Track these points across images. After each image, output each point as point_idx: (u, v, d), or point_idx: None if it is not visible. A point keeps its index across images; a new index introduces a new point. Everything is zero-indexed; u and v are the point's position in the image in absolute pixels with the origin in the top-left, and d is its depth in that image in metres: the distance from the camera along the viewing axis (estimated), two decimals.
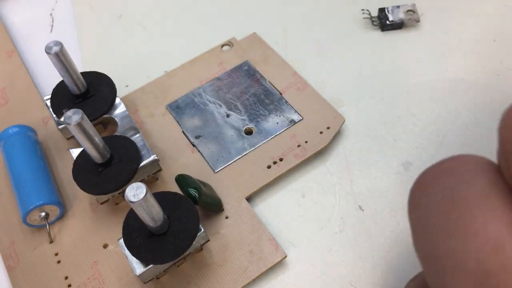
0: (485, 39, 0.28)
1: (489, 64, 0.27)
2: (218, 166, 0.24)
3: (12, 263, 0.22)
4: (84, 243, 0.22)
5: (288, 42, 0.29)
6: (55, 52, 0.21)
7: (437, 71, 0.27)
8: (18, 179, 0.23)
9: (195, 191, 0.20)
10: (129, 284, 0.21)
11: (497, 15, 0.29)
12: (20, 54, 0.30)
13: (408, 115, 0.26)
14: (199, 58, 0.28)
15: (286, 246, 0.22)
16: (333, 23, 0.30)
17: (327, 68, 0.28)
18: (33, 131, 0.25)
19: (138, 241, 0.19)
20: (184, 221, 0.19)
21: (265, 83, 0.26)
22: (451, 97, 0.26)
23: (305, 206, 0.23)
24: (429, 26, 0.29)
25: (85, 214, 0.23)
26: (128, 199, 0.17)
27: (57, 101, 0.24)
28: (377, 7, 0.29)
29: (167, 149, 0.25)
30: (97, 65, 0.30)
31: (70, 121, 0.19)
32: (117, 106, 0.24)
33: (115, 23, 0.32)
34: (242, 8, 0.31)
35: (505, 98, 0.26)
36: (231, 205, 0.23)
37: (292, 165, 0.23)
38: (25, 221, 0.22)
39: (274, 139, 0.24)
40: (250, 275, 0.21)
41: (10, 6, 0.34)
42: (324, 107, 0.25)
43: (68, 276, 0.21)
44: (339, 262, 0.21)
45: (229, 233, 0.22)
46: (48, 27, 0.32)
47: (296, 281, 0.21)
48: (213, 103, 0.26)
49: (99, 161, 0.21)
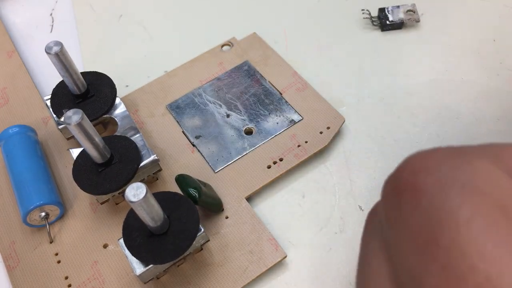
0: (485, 39, 0.28)
1: (489, 64, 0.27)
2: (218, 166, 0.24)
3: (12, 263, 0.22)
4: (84, 243, 0.22)
5: (288, 42, 0.29)
6: (55, 52, 0.21)
7: (437, 71, 0.27)
8: (18, 179, 0.23)
9: (195, 191, 0.20)
10: (129, 284, 0.21)
11: (497, 15, 0.29)
12: (20, 54, 0.30)
13: (408, 115, 0.26)
14: (199, 58, 0.28)
15: (286, 246, 0.22)
16: (333, 23, 0.30)
17: (327, 68, 0.28)
18: (33, 131, 0.25)
19: (138, 241, 0.19)
20: (184, 221, 0.19)
21: (265, 83, 0.26)
22: (451, 97, 0.26)
23: (305, 206, 0.23)
24: (429, 26, 0.29)
25: (85, 214, 0.23)
26: (128, 199, 0.17)
27: (57, 101, 0.24)
28: (377, 7, 0.29)
29: (167, 149, 0.25)
30: (97, 65, 0.30)
31: (70, 121, 0.19)
32: (117, 106, 0.24)
33: (115, 23, 0.32)
34: (242, 8, 0.31)
35: (505, 98, 0.26)
36: (231, 205, 0.23)
37: (292, 165, 0.23)
38: (25, 221, 0.22)
39: (274, 139, 0.24)
40: (250, 275, 0.21)
41: (11, 6, 0.34)
42: (324, 107, 0.25)
43: (68, 276, 0.21)
44: (339, 262, 0.21)
45: (229, 233, 0.22)
46: (48, 27, 0.32)
47: (296, 281, 0.21)
48: (213, 103, 0.26)
49: (99, 161, 0.21)
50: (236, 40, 0.28)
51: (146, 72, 0.29)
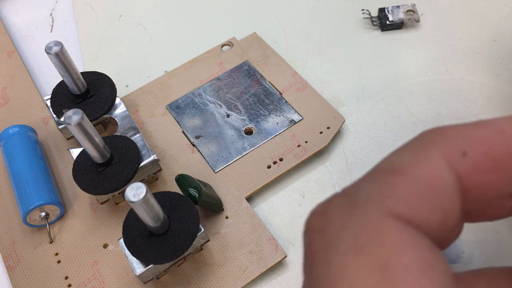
0: (485, 39, 0.28)
1: (489, 64, 0.27)
2: (218, 166, 0.24)
3: (12, 263, 0.22)
4: (84, 243, 0.22)
5: (288, 42, 0.29)
6: (55, 52, 0.21)
7: (437, 71, 0.27)
8: (19, 179, 0.23)
9: (195, 191, 0.20)
10: (129, 284, 0.21)
11: (497, 15, 0.29)
12: (20, 54, 0.30)
13: (408, 115, 0.26)
14: (199, 58, 0.28)
15: (286, 246, 0.22)
16: (333, 23, 0.30)
17: (327, 68, 0.28)
18: (33, 131, 0.25)
19: (138, 241, 0.19)
20: (184, 221, 0.19)
21: (265, 83, 0.26)
22: (451, 97, 0.26)
23: (305, 206, 0.23)
24: (429, 26, 0.29)
25: (85, 214, 0.23)
26: (128, 199, 0.17)
27: (57, 101, 0.24)
28: (377, 7, 0.29)
29: (167, 149, 0.25)
30: (97, 65, 0.30)
31: (70, 121, 0.19)
32: (117, 106, 0.24)
33: (115, 23, 0.32)
34: (242, 8, 0.31)
35: (505, 98, 0.26)
36: (231, 205, 0.23)
37: (292, 165, 0.23)
38: (25, 221, 0.22)
39: (274, 139, 0.24)
40: (250, 275, 0.21)
41: (11, 6, 0.34)
42: (324, 107, 0.25)
43: (68, 276, 0.21)
44: None
45: (229, 233, 0.22)
46: (48, 27, 0.32)
47: (296, 281, 0.21)
48: (213, 103, 0.26)
49: (99, 161, 0.21)
50: (236, 40, 0.28)
51: (146, 72, 0.29)
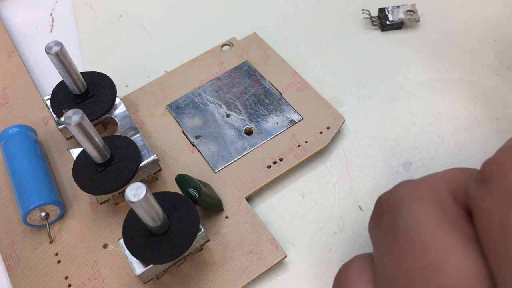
0: (485, 39, 0.28)
1: (489, 64, 0.27)
2: (218, 166, 0.24)
3: (12, 263, 0.22)
4: (84, 243, 0.22)
5: (288, 42, 0.29)
6: (55, 52, 0.21)
7: (437, 71, 0.27)
8: (18, 179, 0.23)
9: (195, 191, 0.20)
10: (129, 284, 0.21)
11: (497, 15, 0.29)
12: (20, 54, 0.30)
13: (408, 115, 0.26)
14: (199, 58, 0.28)
15: (286, 246, 0.22)
16: (333, 23, 0.30)
17: (327, 68, 0.28)
18: (33, 131, 0.25)
19: (138, 241, 0.19)
20: (184, 221, 0.19)
21: (265, 83, 0.26)
22: (451, 97, 0.26)
23: (305, 206, 0.23)
24: (429, 26, 0.29)
25: (85, 214, 0.23)
26: (128, 199, 0.17)
27: (57, 101, 0.24)
28: (377, 7, 0.29)
29: (167, 149, 0.25)
30: (97, 65, 0.30)
31: (70, 121, 0.19)
32: (117, 106, 0.24)
33: (115, 23, 0.32)
34: (242, 8, 0.31)
35: (505, 98, 0.26)
36: (231, 205, 0.23)
37: (292, 165, 0.23)
38: (25, 221, 0.22)
39: (274, 139, 0.24)
40: (250, 275, 0.21)
41: (11, 6, 0.34)
42: (324, 107, 0.25)
43: (68, 276, 0.21)
44: (339, 262, 0.21)
45: (229, 233, 0.22)
46: (48, 27, 0.32)
47: (296, 281, 0.21)
48: (213, 103, 0.26)
49: (99, 161, 0.21)
50: (236, 40, 0.28)
51: (146, 72, 0.29)
